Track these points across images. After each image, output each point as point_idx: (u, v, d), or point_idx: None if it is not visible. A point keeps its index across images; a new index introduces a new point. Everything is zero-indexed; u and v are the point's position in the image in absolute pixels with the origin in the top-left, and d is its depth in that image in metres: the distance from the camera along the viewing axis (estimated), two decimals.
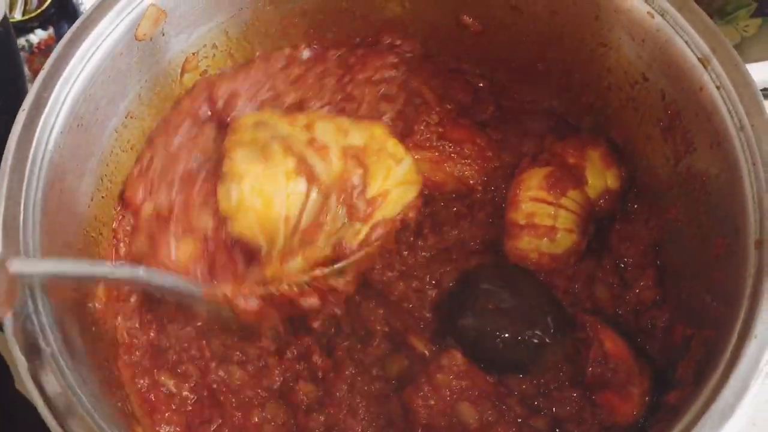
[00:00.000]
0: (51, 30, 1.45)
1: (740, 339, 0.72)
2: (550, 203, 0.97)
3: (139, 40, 0.92)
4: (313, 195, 0.90)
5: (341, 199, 0.90)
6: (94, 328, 0.88)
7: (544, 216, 0.97)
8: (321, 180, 0.90)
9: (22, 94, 1.10)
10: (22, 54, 1.41)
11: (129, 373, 0.92)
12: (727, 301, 0.77)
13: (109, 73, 0.90)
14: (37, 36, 1.45)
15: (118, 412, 0.82)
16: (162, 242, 0.92)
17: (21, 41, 1.42)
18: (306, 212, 0.90)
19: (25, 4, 1.44)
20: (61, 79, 0.85)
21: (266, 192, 0.89)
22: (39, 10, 1.42)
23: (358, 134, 0.95)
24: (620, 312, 0.97)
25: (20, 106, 0.83)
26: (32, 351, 0.73)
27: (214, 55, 1.05)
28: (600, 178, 1.00)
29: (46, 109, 0.83)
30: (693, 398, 0.72)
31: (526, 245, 0.98)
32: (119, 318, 0.94)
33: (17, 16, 1.43)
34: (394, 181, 0.94)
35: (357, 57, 1.10)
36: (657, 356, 0.92)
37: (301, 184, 0.90)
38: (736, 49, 0.82)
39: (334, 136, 0.94)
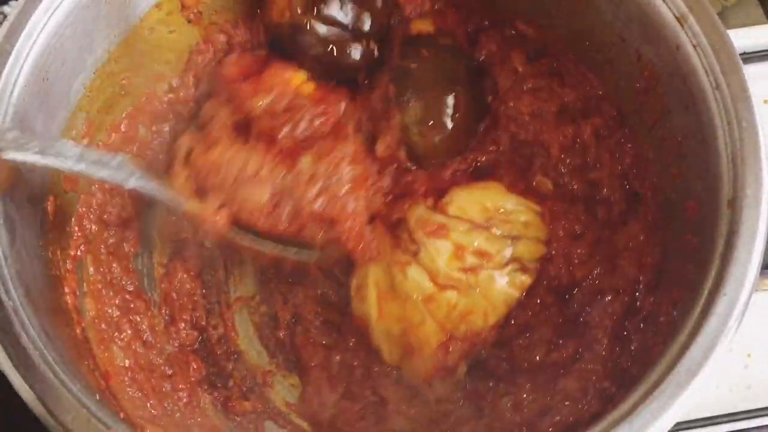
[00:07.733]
0: None
1: (710, 296, 0.72)
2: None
3: None
4: None
5: None
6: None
7: None
8: None
9: None
10: None
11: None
12: (698, 261, 0.77)
13: (77, 26, 0.87)
14: (12, 7, 1.40)
15: (84, 367, 0.80)
16: None
17: None
18: None
19: None
20: (25, 31, 0.82)
21: None
22: None
23: None
24: None
25: None
26: None
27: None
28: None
29: (9, 61, 0.81)
30: (661, 354, 0.72)
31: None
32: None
33: None
34: None
35: None
36: None
37: None
38: None
39: None
